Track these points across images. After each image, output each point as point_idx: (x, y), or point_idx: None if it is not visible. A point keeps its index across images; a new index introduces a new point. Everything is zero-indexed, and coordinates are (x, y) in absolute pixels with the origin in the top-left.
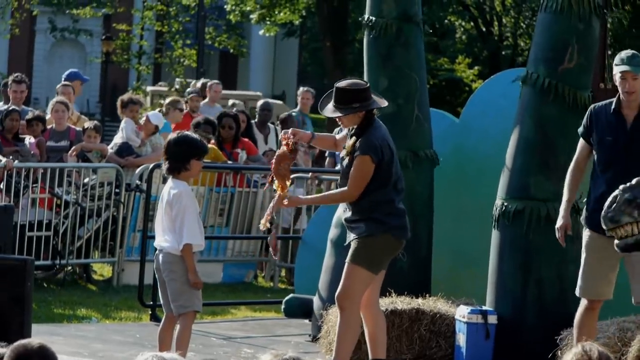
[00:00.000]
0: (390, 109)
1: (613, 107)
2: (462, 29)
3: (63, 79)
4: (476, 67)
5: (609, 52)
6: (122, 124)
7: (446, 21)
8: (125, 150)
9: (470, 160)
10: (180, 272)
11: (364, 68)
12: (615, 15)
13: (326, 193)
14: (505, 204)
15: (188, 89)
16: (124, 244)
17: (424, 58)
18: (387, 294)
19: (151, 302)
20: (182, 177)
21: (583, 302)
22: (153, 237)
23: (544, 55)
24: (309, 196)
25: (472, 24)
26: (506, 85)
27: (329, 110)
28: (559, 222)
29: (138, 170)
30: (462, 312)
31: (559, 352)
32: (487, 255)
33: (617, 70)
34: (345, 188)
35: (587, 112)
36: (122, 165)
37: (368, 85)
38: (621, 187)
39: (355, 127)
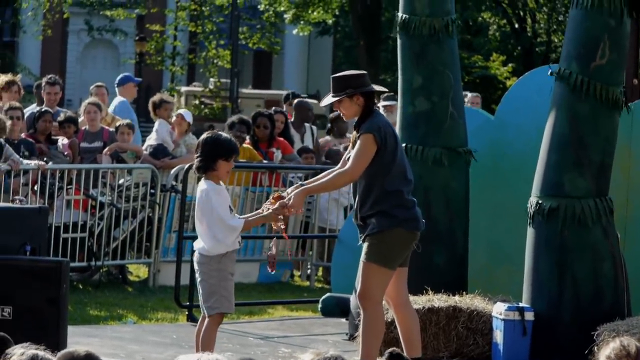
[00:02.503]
0: (424, 106)
1: None
2: (495, 26)
3: (116, 84)
4: (510, 65)
5: None
6: (156, 126)
7: (479, 18)
8: (160, 151)
9: (505, 157)
10: (210, 272)
11: (397, 66)
12: None
13: (327, 178)
14: (540, 201)
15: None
16: (160, 244)
17: (457, 55)
18: (424, 291)
19: (188, 303)
20: (210, 177)
21: None
22: (189, 238)
23: (576, 52)
24: (311, 185)
25: (505, 20)
26: (540, 82)
27: (325, 100)
28: None
29: (173, 170)
30: (499, 309)
31: (595, 347)
32: (523, 252)
33: None
34: (346, 168)
35: None
36: (158, 167)
37: (364, 72)
38: None
39: (357, 119)
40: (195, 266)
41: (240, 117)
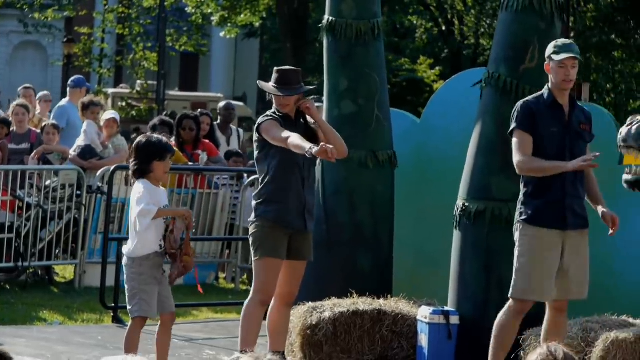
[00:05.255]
0: (350, 109)
1: (548, 98)
2: (422, 29)
3: (69, 86)
4: (437, 68)
5: None
6: (84, 127)
7: (407, 21)
8: (88, 152)
9: (431, 160)
10: (131, 275)
11: (324, 69)
12: (578, 15)
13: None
14: (467, 204)
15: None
16: (86, 246)
17: (384, 58)
18: (349, 294)
19: (113, 304)
20: (148, 179)
21: (516, 306)
22: (115, 239)
23: (505, 55)
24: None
25: (432, 23)
26: (467, 85)
27: (290, 90)
28: (573, 161)
29: (99, 172)
30: (424, 313)
31: (522, 352)
32: (449, 255)
33: (557, 59)
34: None
35: (521, 107)
36: (86, 168)
37: None
38: None
39: (289, 113)
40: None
41: (161, 119)
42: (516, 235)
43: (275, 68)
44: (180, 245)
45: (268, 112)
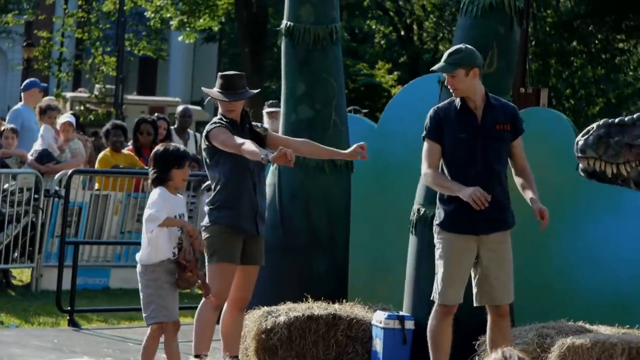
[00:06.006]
0: (307, 114)
1: (459, 104)
2: (381, 34)
3: (22, 90)
4: (395, 73)
5: (530, 57)
6: (41, 131)
7: (365, 27)
8: (45, 157)
9: (388, 165)
10: (146, 282)
11: (281, 73)
12: (538, 21)
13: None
14: (422, 209)
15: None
16: (43, 249)
17: (341, 63)
18: (304, 299)
19: (69, 308)
20: (166, 187)
21: (440, 310)
22: (71, 243)
23: None
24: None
25: (391, 28)
26: (425, 90)
27: (245, 94)
28: (470, 189)
29: (57, 176)
30: (379, 318)
31: (477, 357)
32: (405, 260)
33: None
34: None
35: (430, 116)
36: (43, 172)
37: None
38: (602, 120)
39: (235, 118)
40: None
41: (114, 123)
42: (435, 238)
43: (220, 74)
44: (188, 260)
45: (215, 119)
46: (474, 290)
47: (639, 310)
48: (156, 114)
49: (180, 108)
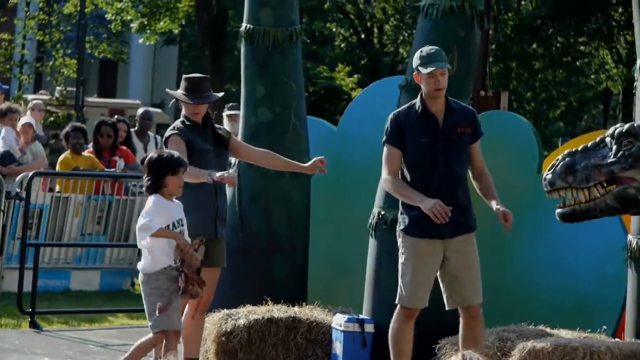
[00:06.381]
0: (267, 117)
1: (419, 108)
2: (341, 37)
3: None
4: (356, 76)
5: (491, 60)
6: (2, 133)
7: (326, 30)
8: (7, 158)
9: (347, 168)
10: (149, 291)
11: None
12: (499, 23)
13: None
14: (382, 212)
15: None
16: (4, 251)
17: (301, 66)
18: (264, 302)
19: (30, 309)
20: (161, 194)
21: (403, 313)
22: (32, 245)
23: None
24: None
25: (352, 31)
26: (385, 94)
27: (214, 95)
28: (430, 202)
29: (18, 178)
30: (338, 321)
31: None
32: (365, 263)
33: (425, 71)
34: None
35: (391, 121)
36: (4, 173)
37: None
38: (567, 150)
39: (198, 121)
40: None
41: (74, 125)
42: (398, 242)
43: (184, 76)
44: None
45: (176, 123)
46: (444, 294)
47: (600, 313)
48: (116, 116)
49: (140, 110)
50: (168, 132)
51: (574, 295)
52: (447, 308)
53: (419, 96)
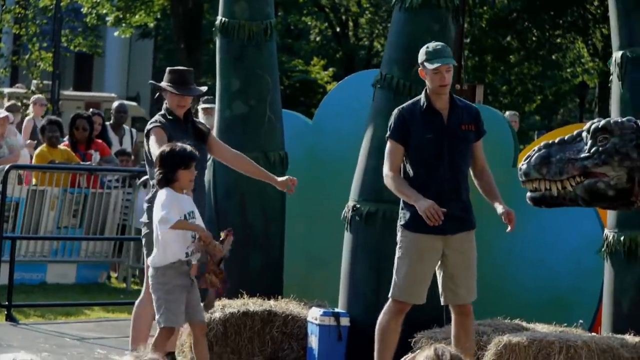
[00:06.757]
0: (242, 110)
1: (424, 104)
2: (317, 30)
3: None
4: (331, 69)
5: (466, 53)
6: None
7: (301, 24)
8: None
9: (323, 162)
10: (156, 285)
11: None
12: (474, 17)
13: None
14: (358, 205)
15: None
16: None
17: (276, 59)
18: (239, 295)
19: (6, 302)
20: (173, 188)
21: (395, 307)
22: (8, 238)
23: (398, 56)
24: None
25: (327, 24)
26: (360, 87)
27: (198, 89)
28: (425, 203)
29: None
30: (314, 314)
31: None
32: (340, 257)
33: (430, 67)
34: None
35: (395, 116)
36: None
37: None
38: (543, 142)
39: (180, 115)
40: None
41: (49, 119)
42: (398, 237)
43: (169, 68)
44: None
45: (157, 117)
46: (440, 290)
47: (577, 307)
48: (91, 109)
49: (115, 104)
50: (150, 125)
51: (550, 289)
52: (442, 303)
53: (423, 92)
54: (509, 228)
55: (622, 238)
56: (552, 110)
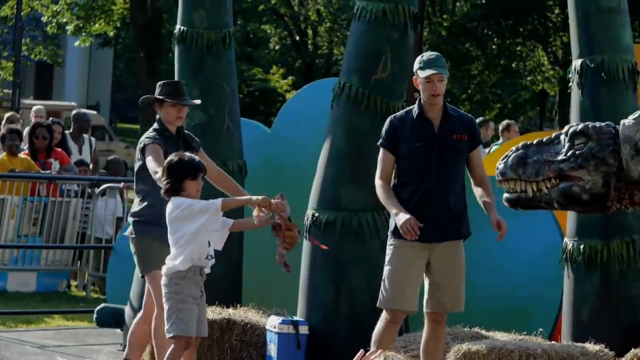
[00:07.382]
0: (201, 118)
1: (416, 113)
2: (276, 39)
3: None
4: (290, 77)
5: None
6: None
7: (260, 32)
8: None
9: (281, 170)
10: (169, 295)
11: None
12: (433, 25)
13: None
14: (317, 214)
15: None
16: None
17: (235, 68)
18: None
19: None
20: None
21: (386, 315)
22: None
23: (356, 65)
24: None
25: (286, 33)
26: (318, 96)
27: (193, 101)
28: (403, 217)
29: None
30: (273, 323)
31: None
32: (299, 265)
33: (422, 75)
34: None
35: (387, 124)
36: None
37: None
38: (522, 142)
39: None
40: None
41: (9, 127)
42: (387, 243)
43: (162, 82)
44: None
45: (150, 132)
46: (425, 297)
47: (536, 316)
48: (51, 118)
49: (77, 112)
50: (146, 140)
51: (510, 297)
52: (424, 310)
53: (417, 101)
54: (499, 237)
55: (581, 246)
56: (511, 118)
